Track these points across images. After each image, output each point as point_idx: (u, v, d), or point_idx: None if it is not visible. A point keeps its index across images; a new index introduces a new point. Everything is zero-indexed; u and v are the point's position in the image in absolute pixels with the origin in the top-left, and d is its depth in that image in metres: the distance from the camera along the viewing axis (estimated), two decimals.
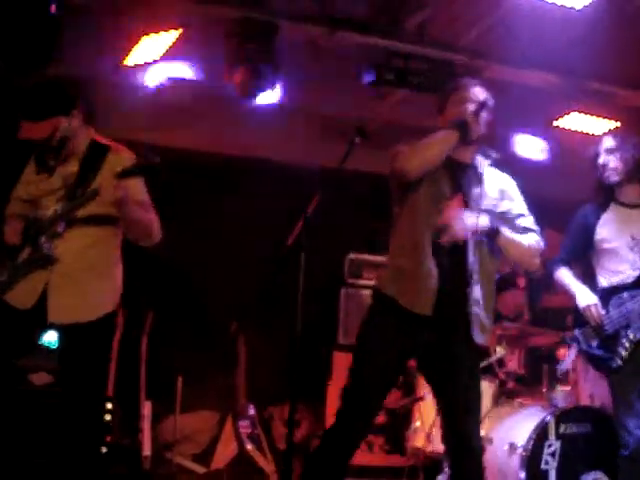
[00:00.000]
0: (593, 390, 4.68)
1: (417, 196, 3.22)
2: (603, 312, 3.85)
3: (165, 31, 4.61)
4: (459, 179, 3.27)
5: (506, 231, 3.24)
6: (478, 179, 3.29)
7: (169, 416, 5.46)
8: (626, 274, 3.87)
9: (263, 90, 4.76)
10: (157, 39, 4.64)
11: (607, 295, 3.89)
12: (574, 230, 4.09)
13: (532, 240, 3.33)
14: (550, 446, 4.24)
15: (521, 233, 3.32)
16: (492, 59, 5.33)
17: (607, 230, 3.95)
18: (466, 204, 3.22)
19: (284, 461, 3.32)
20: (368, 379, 3.21)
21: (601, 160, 3.96)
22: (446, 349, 3.21)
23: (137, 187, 3.29)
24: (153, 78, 4.98)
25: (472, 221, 3.14)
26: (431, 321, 3.15)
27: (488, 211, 3.24)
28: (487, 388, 4.74)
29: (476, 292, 3.19)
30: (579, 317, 3.94)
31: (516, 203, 3.38)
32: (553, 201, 6.14)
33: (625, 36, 5.37)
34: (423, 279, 3.14)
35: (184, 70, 5.04)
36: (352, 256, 5.91)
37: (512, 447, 4.27)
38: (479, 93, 3.30)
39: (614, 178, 3.95)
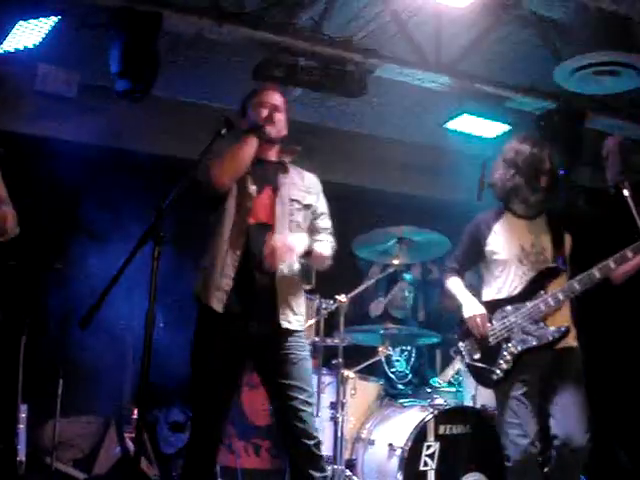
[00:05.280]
0: (476, 392, 4.68)
1: (225, 201, 3.41)
2: (488, 324, 3.78)
3: (42, 17, 4.40)
4: (265, 174, 3.49)
5: (316, 247, 3.46)
6: (284, 172, 3.53)
7: (49, 420, 5.24)
8: (513, 286, 3.80)
9: (146, 83, 4.59)
10: (34, 25, 4.44)
11: (493, 307, 3.82)
12: (466, 240, 4.01)
13: (328, 246, 3.57)
14: (429, 447, 4.23)
15: (319, 234, 3.56)
16: (385, 58, 5.28)
17: (498, 241, 3.88)
18: (275, 195, 3.45)
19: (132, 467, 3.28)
20: (203, 387, 3.36)
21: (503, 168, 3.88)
22: (265, 341, 3.34)
23: None
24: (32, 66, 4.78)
25: (296, 245, 3.35)
26: (237, 316, 3.30)
27: (296, 201, 3.48)
28: (371, 389, 4.73)
29: (281, 280, 3.37)
30: (464, 329, 3.86)
31: (320, 200, 3.63)
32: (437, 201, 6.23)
33: (516, 40, 5.45)
34: (220, 277, 3.33)
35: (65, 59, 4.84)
36: None
37: (391, 448, 4.24)
38: (273, 97, 3.57)
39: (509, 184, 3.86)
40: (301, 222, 3.49)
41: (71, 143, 5.53)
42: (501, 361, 3.71)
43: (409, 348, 5.20)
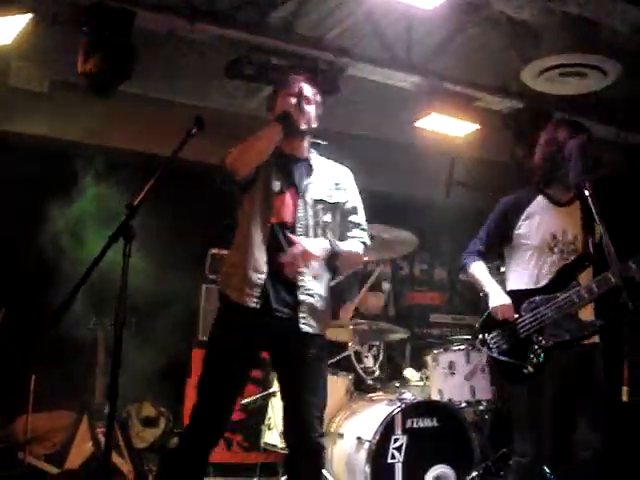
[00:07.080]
0: (442, 385, 4.77)
1: (251, 196, 3.32)
2: (515, 315, 3.57)
3: (14, 14, 4.41)
4: (291, 172, 3.37)
5: (342, 248, 3.31)
6: (310, 170, 3.40)
7: (21, 415, 5.26)
8: (542, 275, 3.61)
9: (118, 79, 4.63)
10: (6, 22, 4.44)
11: (520, 296, 3.60)
12: (495, 220, 3.77)
13: (359, 246, 3.42)
14: (396, 440, 4.30)
15: (350, 231, 3.42)
16: (357, 57, 5.35)
17: (529, 226, 3.67)
18: (298, 196, 3.32)
19: (104, 460, 3.20)
20: (216, 377, 3.26)
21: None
22: (284, 340, 3.26)
23: None
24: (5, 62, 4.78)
25: (315, 250, 3.20)
26: (263, 313, 3.21)
27: (321, 201, 3.35)
28: (340, 383, 4.79)
29: (308, 281, 3.27)
30: (489, 320, 3.64)
31: (350, 195, 3.47)
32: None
33: (486, 41, 5.53)
34: (250, 273, 3.23)
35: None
36: (214, 251, 5.86)
37: (359, 441, 4.31)
38: (304, 88, 3.41)
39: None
40: (329, 222, 3.35)
41: (44, 138, 5.54)
42: (532, 355, 3.51)
43: (377, 344, 5.27)
